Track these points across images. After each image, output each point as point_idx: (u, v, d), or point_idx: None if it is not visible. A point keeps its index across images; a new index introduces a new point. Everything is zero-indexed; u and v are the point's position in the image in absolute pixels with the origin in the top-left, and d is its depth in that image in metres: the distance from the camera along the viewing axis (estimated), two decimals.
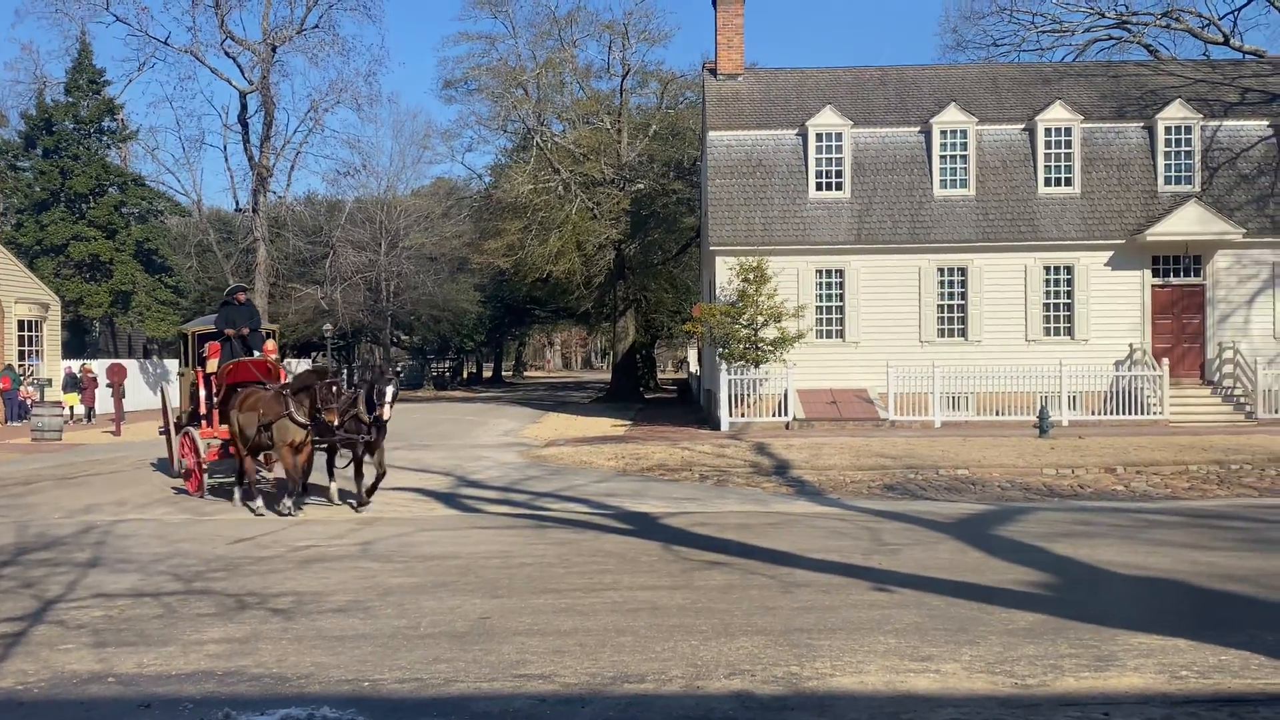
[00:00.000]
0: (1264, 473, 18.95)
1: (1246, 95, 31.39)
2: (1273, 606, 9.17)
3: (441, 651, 7.91)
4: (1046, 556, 11.48)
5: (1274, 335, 29.31)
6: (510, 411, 40.05)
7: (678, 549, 12.07)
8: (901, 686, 6.99)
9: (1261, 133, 30.34)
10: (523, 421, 34.18)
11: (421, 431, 29.56)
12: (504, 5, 47.04)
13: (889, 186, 30.44)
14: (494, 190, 52.44)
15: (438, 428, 31.61)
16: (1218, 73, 33.01)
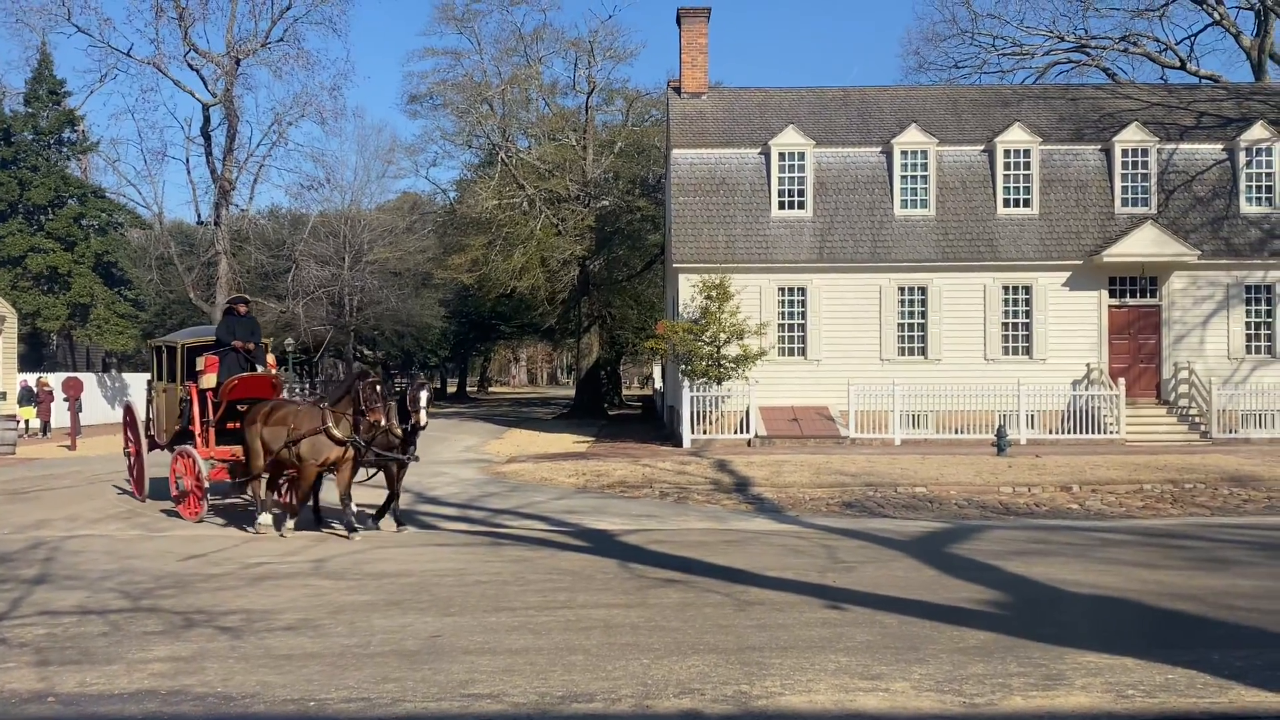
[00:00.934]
0: (1217, 492, 19.17)
1: (1202, 119, 31.89)
2: (1220, 625, 9.26)
3: (390, 671, 7.83)
4: (1000, 575, 11.54)
5: (1228, 356, 29.71)
6: (472, 427, 39.87)
7: (634, 567, 12.05)
8: (850, 705, 7.00)
9: (1216, 156, 30.81)
10: (485, 437, 34.04)
11: None
12: (470, 21, 47.05)
13: (851, 206, 30.64)
14: (459, 205, 52.35)
15: None
16: (1174, 97, 33.52)
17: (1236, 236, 30.05)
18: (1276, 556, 12.83)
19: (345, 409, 14.09)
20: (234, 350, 16.09)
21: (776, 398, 28.97)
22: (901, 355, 29.90)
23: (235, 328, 16.45)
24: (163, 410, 17.28)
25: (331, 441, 14.06)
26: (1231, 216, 30.27)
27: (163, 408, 17.27)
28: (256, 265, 58.29)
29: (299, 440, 14.19)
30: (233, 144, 48.73)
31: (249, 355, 16.28)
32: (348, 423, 14.04)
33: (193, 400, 16.14)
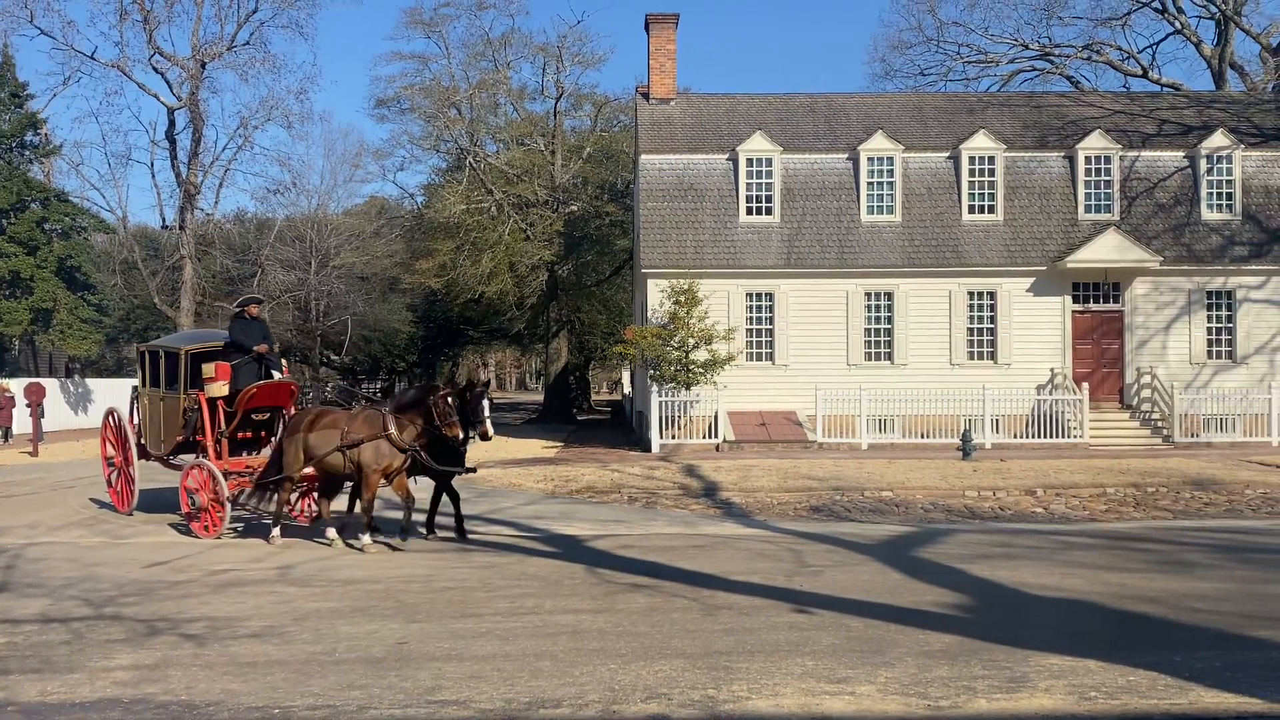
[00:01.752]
0: (1179, 495, 19.41)
1: (1164, 127, 32.30)
2: (1181, 627, 9.37)
3: (356, 678, 7.80)
4: (965, 578, 11.64)
5: (1190, 360, 30.09)
6: None
7: (602, 572, 12.05)
8: (816, 709, 7.03)
9: (1178, 164, 31.21)
10: None
11: None
12: (437, 26, 46.94)
13: (818, 212, 30.80)
14: (426, 210, 52.15)
15: None
16: (1136, 104, 33.93)
17: (1198, 243, 30.45)
18: (1237, 559, 13.00)
19: (413, 418, 13.59)
20: (251, 356, 15.29)
21: (745, 402, 29.07)
22: (868, 360, 30.07)
23: (249, 332, 15.56)
24: (160, 419, 16.25)
25: (395, 448, 13.57)
26: (1193, 223, 30.67)
27: (160, 416, 16.24)
28: (222, 270, 57.87)
29: (355, 446, 13.62)
30: (198, 148, 48.36)
31: (266, 361, 15.48)
32: (412, 430, 13.59)
33: (202, 409, 15.22)
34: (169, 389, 16.09)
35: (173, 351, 16.22)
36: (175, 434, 15.88)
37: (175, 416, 15.91)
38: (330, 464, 13.99)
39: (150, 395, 16.57)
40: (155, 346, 17.02)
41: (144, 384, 16.88)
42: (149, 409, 16.59)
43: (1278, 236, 30.48)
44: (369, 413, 14.05)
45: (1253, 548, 13.94)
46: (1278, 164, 31.29)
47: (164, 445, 16.18)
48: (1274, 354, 30.30)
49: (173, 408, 15.98)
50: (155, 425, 16.42)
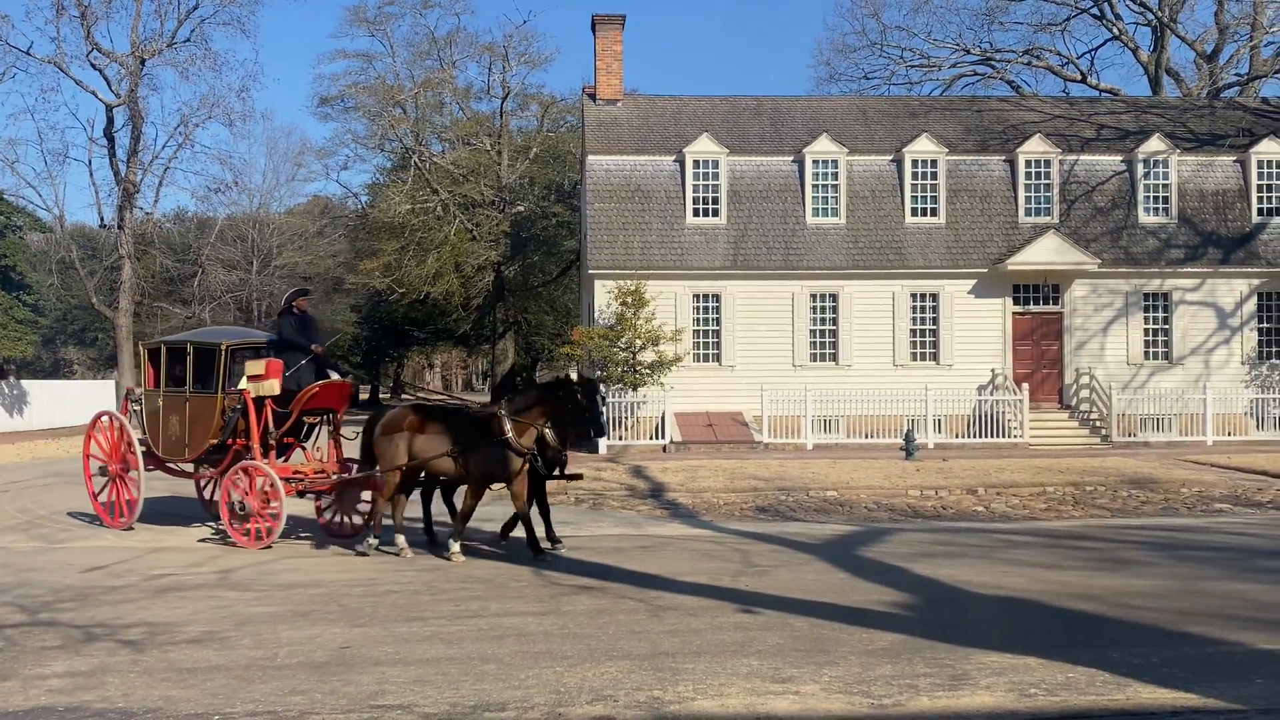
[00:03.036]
0: (1117, 494, 19.74)
1: (1102, 131, 32.87)
2: (1119, 624, 9.53)
3: (298, 683, 7.70)
4: (908, 577, 11.75)
5: (1127, 361, 30.65)
6: None
7: (548, 574, 12.02)
8: (761, 709, 7.06)
9: (1116, 167, 31.77)
10: None
11: None
12: (382, 24, 46.65)
13: (764, 214, 30.97)
14: (371, 209, 51.76)
15: None
16: (1075, 109, 34.51)
17: (1135, 245, 31.02)
18: (1173, 556, 13.24)
19: (535, 419, 12.90)
20: (309, 355, 14.40)
21: (692, 403, 29.15)
22: (814, 361, 30.29)
23: (303, 328, 14.68)
24: (183, 421, 14.83)
25: (514, 453, 12.78)
26: (1130, 226, 31.24)
27: (184, 418, 14.81)
28: (162, 269, 57.01)
29: (468, 451, 12.90)
30: (137, 146, 47.50)
31: (322, 359, 14.66)
32: (532, 433, 12.87)
33: (249, 410, 14.08)
34: (198, 388, 14.79)
35: (206, 347, 14.93)
36: (206, 437, 14.60)
37: (207, 418, 14.58)
38: (437, 468, 13.26)
39: (167, 396, 15.11)
40: (177, 342, 15.57)
41: (155, 384, 15.43)
42: (164, 411, 15.10)
43: (1212, 239, 31.14)
44: (486, 414, 13.25)
45: (1188, 545, 14.22)
46: (1212, 168, 31.96)
47: (189, 450, 14.88)
48: (1209, 355, 30.95)
49: (202, 408, 14.66)
50: (173, 428, 14.97)
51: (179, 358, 15.16)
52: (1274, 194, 31.58)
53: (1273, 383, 30.73)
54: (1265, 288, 31.15)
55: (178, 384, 15.13)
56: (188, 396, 14.86)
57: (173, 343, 15.60)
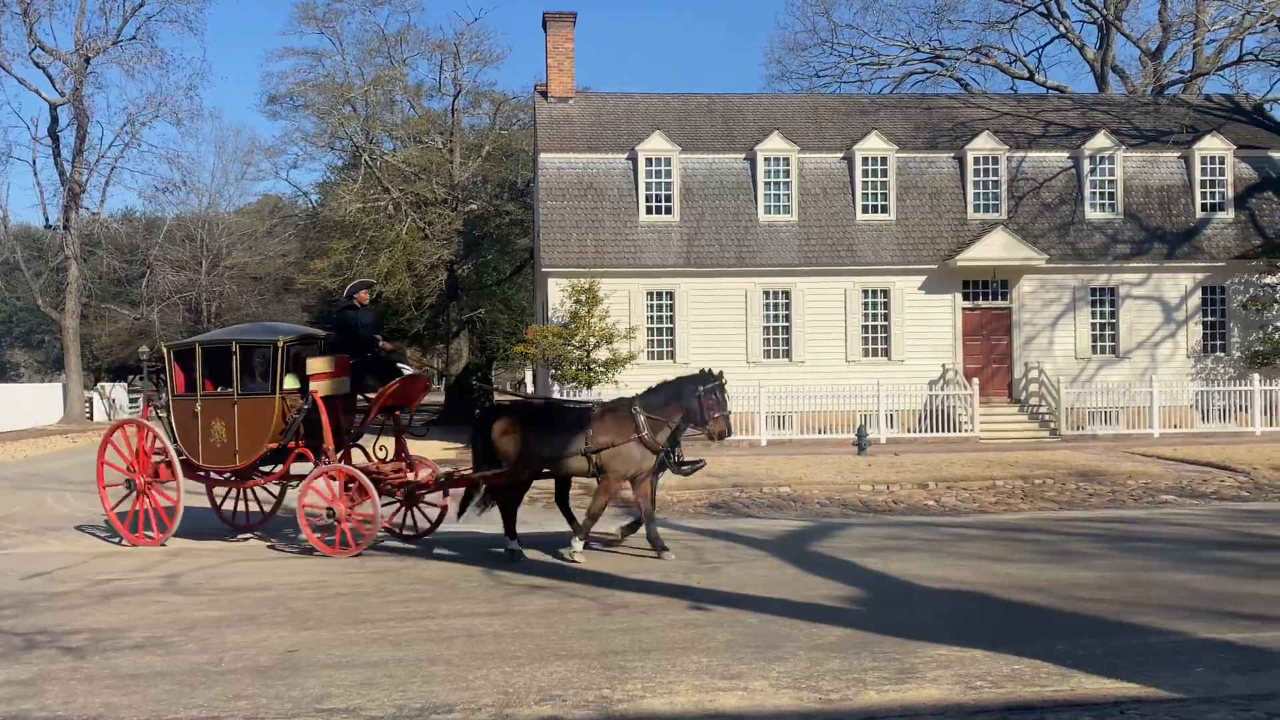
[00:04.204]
0: (1064, 487, 19.98)
1: (1049, 128, 33.25)
2: (1065, 616, 9.64)
3: (243, 688, 7.61)
4: (859, 571, 11.82)
5: (1075, 356, 31.04)
6: None
7: (500, 574, 11.97)
8: (710, 706, 7.07)
9: (1063, 164, 32.16)
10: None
11: None
12: (331, 21, 46.23)
13: (716, 211, 31.04)
14: (321, 208, 51.30)
15: None
16: (1023, 106, 34.88)
17: (1082, 241, 31.42)
18: (1119, 548, 13.42)
19: (670, 416, 12.67)
20: (379, 351, 13.94)
21: None
22: (767, 358, 30.41)
23: (364, 322, 14.10)
24: (229, 426, 13.86)
25: (648, 451, 12.56)
26: (1077, 222, 31.64)
27: (231, 423, 13.86)
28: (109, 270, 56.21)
29: (600, 450, 12.53)
30: (83, 145, 46.83)
31: (390, 354, 14.22)
32: (666, 431, 12.66)
33: (319, 409, 13.38)
34: (249, 388, 13.95)
35: (258, 344, 14.11)
36: (262, 441, 13.75)
37: (262, 420, 13.75)
38: (568, 467, 12.95)
39: (208, 399, 14.11)
40: (218, 341, 14.71)
41: (186, 387, 14.42)
42: (204, 415, 14.07)
43: (1157, 235, 31.61)
44: (617, 412, 12.89)
45: (1134, 536, 14.42)
46: (1157, 164, 32.44)
47: (239, 456, 13.88)
48: (1155, 349, 31.42)
49: (256, 410, 13.79)
50: (217, 433, 13.99)
51: (220, 357, 14.23)
52: (1217, 189, 32.10)
53: (1217, 375, 31.26)
54: (1209, 282, 31.67)
55: (221, 386, 14.21)
56: (236, 399, 13.92)
57: (212, 342, 14.74)
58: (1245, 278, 31.63)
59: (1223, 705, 6.94)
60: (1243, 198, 32.27)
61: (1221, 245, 31.67)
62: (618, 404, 13.24)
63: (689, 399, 12.67)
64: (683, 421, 12.77)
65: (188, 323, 58.83)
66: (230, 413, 13.93)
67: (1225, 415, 30.19)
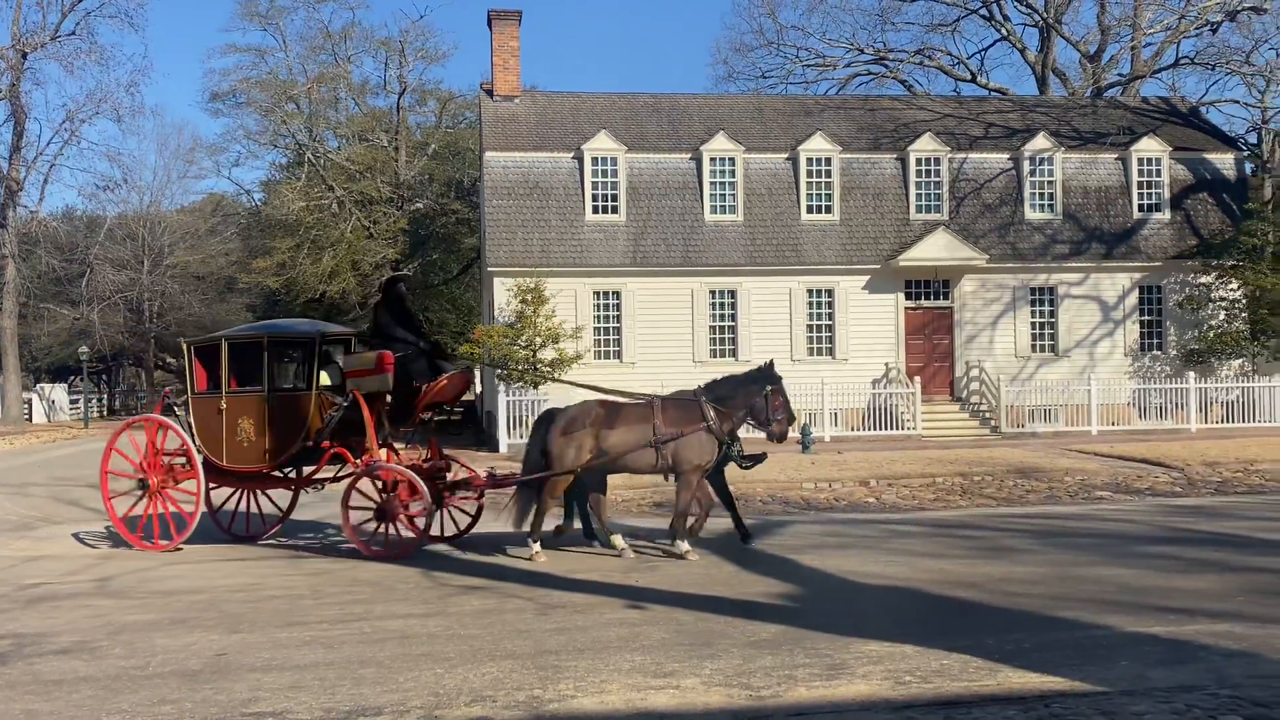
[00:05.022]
0: (1003, 483, 20.24)
1: (990, 130, 33.68)
2: (995, 611, 9.75)
3: (169, 692, 7.50)
4: (796, 568, 11.89)
5: (1016, 354, 31.48)
6: None
7: (437, 575, 11.89)
8: (641, 704, 7.07)
9: (1003, 165, 32.59)
10: None
11: None
12: (274, 18, 45.80)
13: (662, 211, 31.11)
14: (264, 207, 50.81)
15: None
16: (965, 108, 35.32)
17: (1022, 241, 31.86)
18: (1052, 544, 13.60)
19: (736, 410, 12.77)
20: (416, 346, 13.51)
21: None
22: (713, 357, 30.52)
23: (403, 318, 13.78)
24: (258, 425, 13.40)
25: (716, 441, 12.61)
26: (1017, 222, 32.09)
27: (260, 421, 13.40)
28: (48, 270, 55.20)
29: (672, 441, 12.44)
30: (20, 142, 45.92)
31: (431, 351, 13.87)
32: (729, 424, 12.77)
33: (360, 407, 12.95)
34: (280, 386, 13.58)
35: (291, 340, 13.84)
36: (296, 440, 13.29)
37: (295, 418, 13.29)
38: (634, 463, 12.77)
39: (234, 397, 13.58)
40: (246, 335, 14.15)
41: (209, 385, 13.91)
42: (230, 413, 13.53)
43: (1096, 235, 32.13)
44: (683, 402, 12.86)
45: (1067, 532, 14.63)
46: (1095, 166, 32.98)
47: (270, 455, 13.42)
48: (1093, 347, 31.94)
49: (289, 408, 13.34)
50: (243, 432, 13.48)
51: (248, 353, 13.72)
52: (1154, 191, 32.70)
53: (1154, 374, 31.84)
54: (1146, 281, 32.26)
55: (248, 383, 13.68)
56: (266, 395, 13.43)
57: (239, 337, 14.15)
58: (1181, 278, 32.26)
59: (1145, 698, 7.04)
60: (1178, 199, 32.90)
61: (1158, 245, 32.25)
62: (681, 396, 13.22)
63: (757, 395, 12.80)
64: (747, 417, 12.87)
65: (129, 323, 57.95)
66: (259, 410, 13.44)
67: (1162, 413, 30.75)
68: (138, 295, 57.09)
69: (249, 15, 46.46)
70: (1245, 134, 43.76)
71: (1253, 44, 43.23)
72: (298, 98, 46.40)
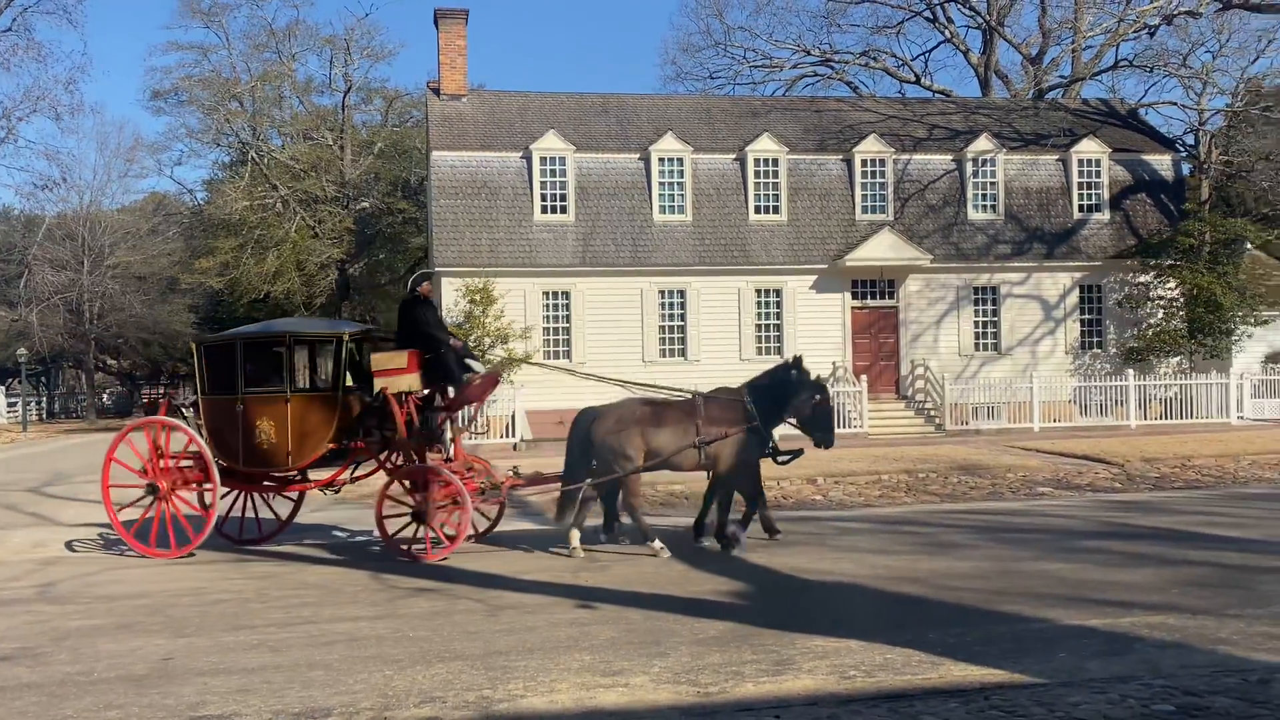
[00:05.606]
0: (947, 480, 20.54)
1: (934, 131, 34.11)
2: (938, 605, 9.93)
3: (115, 697, 7.44)
4: (744, 566, 12.01)
5: (959, 353, 31.92)
6: None
7: (386, 577, 11.86)
8: (590, 703, 7.14)
9: (946, 166, 33.02)
10: None
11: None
12: (217, 15, 45.28)
13: (611, 211, 31.17)
14: (207, 206, 50.19)
15: None
16: (909, 110, 35.74)
17: (965, 241, 32.31)
18: (994, 539, 13.84)
19: (784, 416, 13.17)
20: (446, 345, 13.30)
21: (543, 401, 29.05)
22: (663, 357, 30.65)
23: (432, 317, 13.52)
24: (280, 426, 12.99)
25: (761, 440, 12.83)
26: (960, 223, 32.54)
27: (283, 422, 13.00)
28: None
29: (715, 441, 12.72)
30: None
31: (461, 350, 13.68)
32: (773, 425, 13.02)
33: (391, 407, 12.87)
34: (302, 386, 13.34)
35: (317, 339, 13.63)
36: (321, 442, 13.02)
37: (322, 420, 13.04)
38: (680, 462, 12.96)
39: (252, 398, 13.16)
40: (263, 335, 13.87)
41: (218, 386, 13.45)
42: (248, 415, 13.13)
43: (1037, 235, 32.66)
44: (724, 402, 13.03)
45: (1009, 528, 14.89)
46: (1036, 167, 33.52)
47: (293, 458, 13.09)
48: (1035, 346, 32.47)
49: (314, 409, 13.07)
50: (263, 435, 13.08)
51: (264, 352, 13.46)
52: (1094, 191, 33.30)
53: (1095, 371, 32.42)
54: (1087, 281, 32.84)
55: (267, 383, 13.34)
56: (289, 396, 13.09)
57: (257, 336, 13.82)
58: (1120, 277, 32.88)
59: (1082, 688, 7.21)
60: (1118, 199, 33.52)
61: (1098, 245, 32.85)
62: (721, 394, 13.45)
63: (806, 405, 13.11)
64: (789, 417, 13.11)
65: (69, 324, 56.95)
66: (281, 412, 13.07)
67: (1102, 409, 31.30)
68: (77, 296, 56.12)
69: (191, 12, 45.94)
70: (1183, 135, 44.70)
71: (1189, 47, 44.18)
72: (241, 96, 45.91)
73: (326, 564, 12.97)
